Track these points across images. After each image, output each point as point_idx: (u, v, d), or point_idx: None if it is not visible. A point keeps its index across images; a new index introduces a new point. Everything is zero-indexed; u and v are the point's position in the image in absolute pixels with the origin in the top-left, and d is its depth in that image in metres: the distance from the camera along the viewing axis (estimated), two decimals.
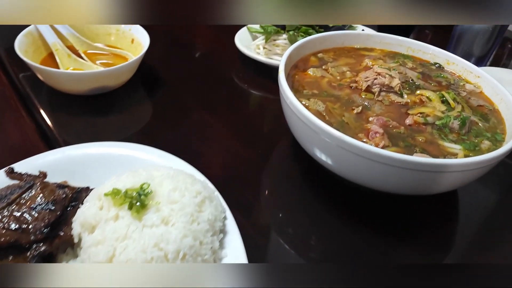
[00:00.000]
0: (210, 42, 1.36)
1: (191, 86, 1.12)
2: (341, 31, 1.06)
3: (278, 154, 0.95)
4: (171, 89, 1.09)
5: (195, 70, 1.19)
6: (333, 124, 0.81)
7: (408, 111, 0.86)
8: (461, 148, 0.79)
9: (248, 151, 0.93)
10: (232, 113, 1.05)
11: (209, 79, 1.16)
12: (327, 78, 0.94)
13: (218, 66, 1.23)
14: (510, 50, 1.67)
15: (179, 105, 1.04)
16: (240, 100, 1.10)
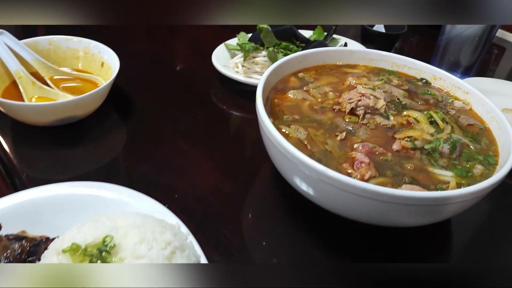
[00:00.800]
0: (186, 61, 1.30)
1: (166, 111, 1.05)
2: (322, 48, 1.00)
3: (260, 184, 0.89)
4: (145, 114, 1.03)
5: (171, 92, 1.13)
6: (316, 154, 0.75)
7: (395, 135, 0.81)
8: (452, 175, 0.74)
9: (227, 181, 0.87)
10: (210, 139, 0.99)
11: (185, 101, 1.10)
12: (308, 100, 0.89)
13: (195, 86, 1.17)
14: (496, 56, 1.64)
15: (153, 133, 0.98)
16: (218, 123, 1.04)
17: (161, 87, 1.14)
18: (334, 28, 1.33)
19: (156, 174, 0.87)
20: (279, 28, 1.16)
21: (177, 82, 1.18)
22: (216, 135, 1.00)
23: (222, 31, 1.43)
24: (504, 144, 0.81)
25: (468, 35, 1.22)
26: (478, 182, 0.73)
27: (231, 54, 1.21)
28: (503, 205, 0.92)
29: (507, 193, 0.93)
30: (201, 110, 1.07)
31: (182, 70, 1.24)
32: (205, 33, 1.49)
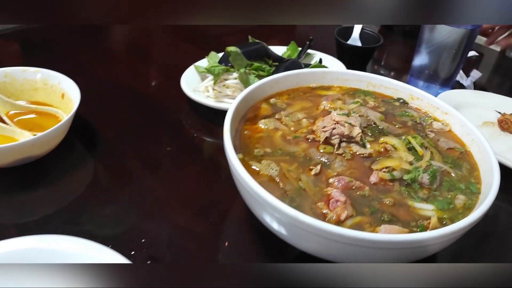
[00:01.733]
0: (155, 86, 1.24)
1: (133, 143, 0.99)
2: (294, 71, 0.95)
3: (233, 221, 0.84)
4: (110, 149, 0.97)
5: (138, 122, 1.07)
6: (289, 192, 0.70)
7: (372, 166, 0.76)
8: (433, 209, 0.70)
9: (199, 221, 0.82)
10: (180, 173, 0.93)
11: (154, 131, 1.04)
12: (281, 130, 0.84)
13: (163, 113, 1.11)
14: (474, 62, 1.61)
15: (119, 170, 0.92)
16: (189, 155, 0.99)
17: (127, 116, 1.08)
18: (308, 43, 1.29)
19: (122, 216, 0.82)
20: (249, 48, 1.11)
21: (144, 110, 1.11)
22: (187, 168, 0.95)
23: (193, 51, 1.38)
24: (486, 170, 0.77)
25: (445, 46, 1.19)
26: (461, 214, 0.70)
27: (201, 76, 1.15)
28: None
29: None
30: (171, 140, 1.01)
31: (150, 97, 1.17)
32: (175, 54, 1.43)
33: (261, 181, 0.72)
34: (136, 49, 1.43)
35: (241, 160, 0.75)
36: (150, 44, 1.49)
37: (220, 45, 1.17)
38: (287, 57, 1.26)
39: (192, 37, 1.55)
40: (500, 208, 0.94)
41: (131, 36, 1.52)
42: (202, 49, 1.28)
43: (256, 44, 1.15)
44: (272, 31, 1.62)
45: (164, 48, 1.47)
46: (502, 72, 1.60)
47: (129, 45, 1.44)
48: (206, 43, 1.48)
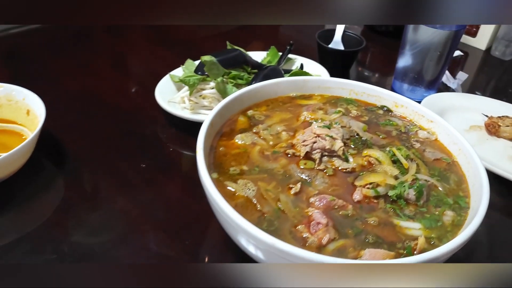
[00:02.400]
0: (128, 97, 1.18)
1: (104, 161, 0.94)
2: (272, 80, 0.91)
3: (210, 244, 0.79)
4: (79, 167, 0.92)
5: (110, 137, 1.01)
6: (266, 215, 0.66)
7: (356, 182, 0.72)
8: (421, 227, 0.66)
9: (174, 245, 0.77)
10: (154, 190, 0.88)
11: (127, 147, 0.98)
12: (258, 145, 0.79)
13: (137, 127, 1.05)
14: (459, 62, 1.58)
15: (89, 191, 0.87)
16: (164, 171, 0.93)
17: (98, 132, 1.02)
18: (289, 48, 1.25)
19: (91, 242, 0.76)
20: (226, 56, 1.06)
21: (117, 124, 1.05)
22: (162, 186, 0.89)
23: (170, 57, 1.32)
24: (475, 182, 0.73)
25: (429, 48, 1.15)
26: (449, 233, 0.66)
27: (177, 86, 1.10)
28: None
29: None
30: (145, 156, 0.96)
31: (124, 109, 1.11)
32: (151, 61, 1.37)
33: (236, 203, 0.67)
34: (110, 58, 1.37)
35: (215, 180, 0.71)
36: (125, 52, 1.43)
37: (198, 50, 1.12)
38: (267, 63, 1.21)
39: (169, 42, 1.49)
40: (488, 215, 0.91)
41: (105, 44, 1.46)
42: (179, 55, 1.22)
43: (234, 51, 1.10)
44: (252, 36, 1.57)
45: (140, 55, 1.41)
46: (487, 71, 1.57)
47: (102, 54, 1.38)
48: (183, 48, 1.43)
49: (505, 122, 1.09)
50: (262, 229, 0.63)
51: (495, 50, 1.56)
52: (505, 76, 1.54)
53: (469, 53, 1.62)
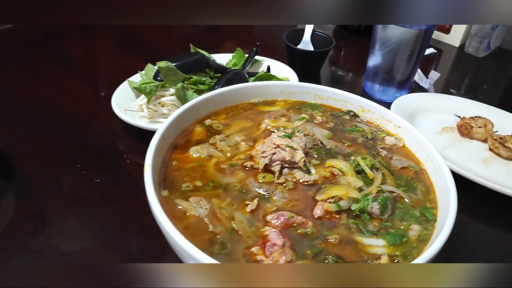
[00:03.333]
0: (84, 106, 1.11)
1: (55, 176, 0.88)
2: (232, 87, 0.86)
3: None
4: (28, 184, 0.85)
5: (62, 149, 0.95)
6: (219, 236, 0.61)
7: (317, 196, 0.67)
8: (384, 244, 0.62)
9: None
10: (109, 209, 0.82)
11: (80, 159, 0.92)
12: (215, 157, 0.74)
13: (93, 138, 0.99)
14: (432, 60, 1.55)
15: (36, 210, 0.81)
16: (120, 186, 0.87)
17: (50, 144, 0.95)
18: (255, 50, 1.19)
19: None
20: (186, 60, 1.01)
21: (71, 136, 0.99)
22: (117, 203, 0.84)
23: (131, 61, 1.26)
24: (443, 193, 0.69)
25: (399, 47, 1.11)
26: (415, 249, 0.62)
27: (137, 93, 1.04)
28: None
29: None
30: (100, 170, 0.90)
31: (78, 119, 1.04)
32: (110, 65, 1.31)
33: (187, 224, 0.62)
34: (69, 64, 1.29)
35: (165, 198, 0.66)
36: (85, 58, 1.35)
37: (164, 54, 1.06)
38: (232, 65, 1.15)
39: (133, 46, 1.42)
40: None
41: (63, 49, 1.38)
42: (141, 58, 1.16)
43: (195, 54, 1.04)
44: (217, 37, 1.51)
45: (101, 60, 1.34)
46: (461, 68, 1.54)
47: (60, 60, 1.30)
48: (148, 52, 1.36)
49: (477, 123, 1.05)
50: (214, 253, 0.59)
51: (469, 47, 1.53)
52: (480, 73, 1.52)
53: (443, 50, 1.59)
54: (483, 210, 0.91)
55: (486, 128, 1.04)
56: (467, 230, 0.86)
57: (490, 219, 0.90)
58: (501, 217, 0.90)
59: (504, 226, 0.89)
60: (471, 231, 0.87)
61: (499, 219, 0.90)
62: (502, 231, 0.88)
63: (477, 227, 0.89)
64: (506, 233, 0.88)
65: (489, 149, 1.03)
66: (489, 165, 0.98)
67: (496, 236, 0.87)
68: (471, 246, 0.83)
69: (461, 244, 0.82)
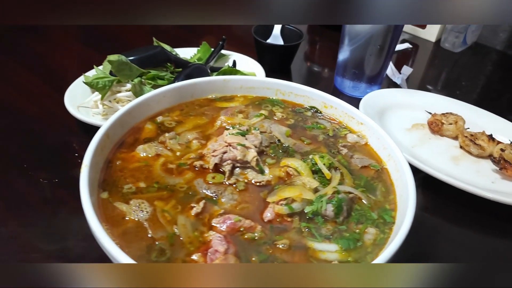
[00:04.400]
0: (38, 103, 1.05)
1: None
2: (187, 81, 0.81)
3: None
4: None
5: (10, 149, 0.89)
6: (158, 243, 0.56)
7: (268, 199, 0.63)
8: (337, 250, 0.58)
9: None
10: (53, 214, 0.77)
11: (27, 159, 0.86)
12: (163, 156, 0.69)
13: (45, 137, 0.93)
14: (408, 55, 1.52)
15: None
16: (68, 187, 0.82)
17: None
18: (221, 44, 1.15)
19: None
20: (143, 54, 0.96)
21: (19, 134, 0.93)
22: (64, 205, 0.78)
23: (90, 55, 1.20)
24: (403, 193, 0.65)
25: (368, 41, 1.07)
26: (369, 254, 0.58)
27: (92, 89, 0.98)
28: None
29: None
30: (49, 170, 0.84)
31: (30, 116, 0.99)
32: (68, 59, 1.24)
33: (125, 229, 0.58)
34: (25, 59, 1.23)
35: (104, 201, 0.61)
36: (43, 52, 1.29)
37: (125, 49, 1.00)
38: (196, 60, 1.11)
39: (95, 40, 1.36)
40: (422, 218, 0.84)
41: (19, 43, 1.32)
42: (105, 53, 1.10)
43: (154, 48, 0.99)
44: (186, 31, 1.45)
45: (61, 55, 1.28)
46: (437, 63, 1.51)
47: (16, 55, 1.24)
48: (109, 46, 1.31)
49: (448, 119, 1.02)
50: (151, 260, 0.54)
51: (445, 42, 1.50)
52: (456, 68, 1.49)
53: (419, 46, 1.55)
54: (452, 210, 0.88)
55: (457, 125, 1.01)
56: (434, 230, 0.83)
57: (458, 219, 0.87)
58: (467, 217, 0.87)
59: (471, 226, 0.85)
60: (438, 232, 0.84)
61: (465, 219, 0.86)
62: (468, 232, 0.85)
63: (444, 227, 0.85)
64: (473, 233, 0.85)
65: (460, 147, 0.99)
66: (459, 163, 0.95)
67: (460, 236, 0.84)
68: (436, 247, 0.80)
69: (427, 246, 0.79)
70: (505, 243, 0.84)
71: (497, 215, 0.86)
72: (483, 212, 0.86)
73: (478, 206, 0.85)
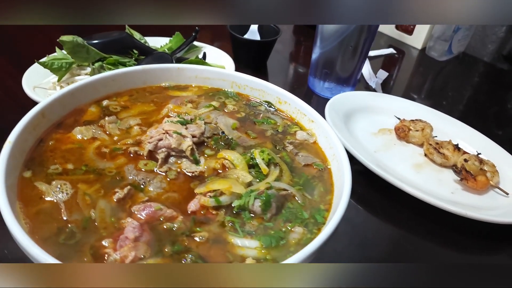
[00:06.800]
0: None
1: None
2: (140, 67, 0.79)
3: None
4: None
5: None
6: (71, 225, 0.54)
7: (196, 190, 0.61)
8: (257, 247, 0.55)
9: None
10: None
11: None
12: (99, 140, 0.68)
13: None
14: (394, 61, 1.49)
15: None
16: None
17: None
18: (194, 35, 1.13)
19: None
20: (106, 39, 0.94)
21: None
22: None
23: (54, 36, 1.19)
24: (339, 193, 0.63)
25: (341, 42, 1.05)
26: (291, 253, 0.55)
27: None
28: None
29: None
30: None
31: None
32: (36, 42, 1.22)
33: (39, 209, 0.56)
34: None
35: (25, 179, 0.59)
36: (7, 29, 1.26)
37: (98, 31, 0.98)
38: (167, 49, 1.09)
39: None
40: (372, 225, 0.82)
41: None
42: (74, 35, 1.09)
43: (118, 34, 0.97)
44: None
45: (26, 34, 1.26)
46: (422, 71, 1.48)
47: None
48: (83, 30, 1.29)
49: (416, 126, 0.99)
50: (58, 242, 0.52)
51: (430, 50, 1.47)
52: (440, 77, 1.46)
53: (405, 52, 1.53)
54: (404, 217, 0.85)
55: (423, 132, 0.98)
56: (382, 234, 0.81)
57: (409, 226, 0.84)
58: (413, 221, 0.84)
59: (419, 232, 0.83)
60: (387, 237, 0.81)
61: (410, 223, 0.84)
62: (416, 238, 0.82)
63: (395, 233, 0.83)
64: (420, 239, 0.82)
65: (424, 155, 0.96)
66: (420, 171, 0.92)
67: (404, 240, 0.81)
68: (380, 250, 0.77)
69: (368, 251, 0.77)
70: (446, 251, 0.81)
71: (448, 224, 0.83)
72: (438, 222, 0.83)
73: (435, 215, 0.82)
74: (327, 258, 0.74)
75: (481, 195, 0.88)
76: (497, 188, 0.88)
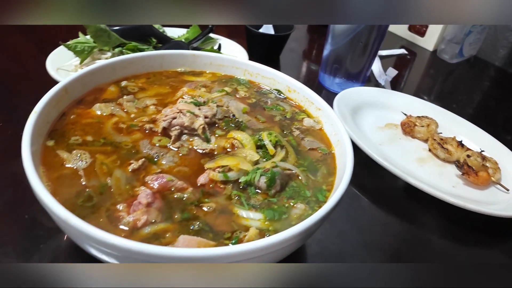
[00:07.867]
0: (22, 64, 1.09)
1: None
2: (157, 52, 0.83)
3: None
4: None
5: None
6: (89, 190, 0.58)
7: (206, 165, 0.65)
8: (261, 218, 0.59)
9: None
10: None
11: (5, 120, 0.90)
12: (117, 117, 0.72)
13: (20, 97, 0.97)
14: (406, 62, 1.51)
15: None
16: None
17: None
18: (211, 27, 1.17)
19: None
20: (128, 26, 0.99)
21: None
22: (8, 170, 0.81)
23: None
24: (341, 175, 0.66)
25: (352, 39, 1.08)
26: (291, 227, 0.59)
27: None
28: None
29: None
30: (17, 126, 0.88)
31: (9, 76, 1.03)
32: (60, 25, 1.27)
33: (60, 174, 0.60)
34: None
35: (48, 148, 0.64)
36: None
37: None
38: (184, 39, 1.13)
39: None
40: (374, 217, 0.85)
41: None
42: None
43: None
44: None
45: None
46: (433, 73, 1.50)
47: None
48: None
49: (422, 122, 1.02)
50: (76, 204, 0.56)
51: (442, 52, 1.49)
52: (450, 80, 1.48)
53: (417, 53, 1.55)
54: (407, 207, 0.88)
55: (428, 128, 1.00)
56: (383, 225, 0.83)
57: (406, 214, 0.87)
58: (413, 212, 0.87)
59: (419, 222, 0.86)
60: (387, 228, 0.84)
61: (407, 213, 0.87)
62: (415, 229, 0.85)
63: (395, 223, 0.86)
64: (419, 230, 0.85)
65: (429, 150, 0.99)
66: (423, 165, 0.95)
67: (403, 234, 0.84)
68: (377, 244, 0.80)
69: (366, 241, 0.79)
70: (446, 243, 0.83)
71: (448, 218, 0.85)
72: (437, 214, 0.86)
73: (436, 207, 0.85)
74: (329, 241, 0.77)
75: (482, 190, 0.90)
76: (498, 184, 0.90)
